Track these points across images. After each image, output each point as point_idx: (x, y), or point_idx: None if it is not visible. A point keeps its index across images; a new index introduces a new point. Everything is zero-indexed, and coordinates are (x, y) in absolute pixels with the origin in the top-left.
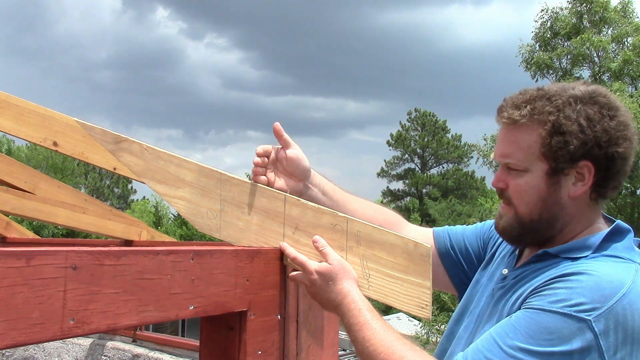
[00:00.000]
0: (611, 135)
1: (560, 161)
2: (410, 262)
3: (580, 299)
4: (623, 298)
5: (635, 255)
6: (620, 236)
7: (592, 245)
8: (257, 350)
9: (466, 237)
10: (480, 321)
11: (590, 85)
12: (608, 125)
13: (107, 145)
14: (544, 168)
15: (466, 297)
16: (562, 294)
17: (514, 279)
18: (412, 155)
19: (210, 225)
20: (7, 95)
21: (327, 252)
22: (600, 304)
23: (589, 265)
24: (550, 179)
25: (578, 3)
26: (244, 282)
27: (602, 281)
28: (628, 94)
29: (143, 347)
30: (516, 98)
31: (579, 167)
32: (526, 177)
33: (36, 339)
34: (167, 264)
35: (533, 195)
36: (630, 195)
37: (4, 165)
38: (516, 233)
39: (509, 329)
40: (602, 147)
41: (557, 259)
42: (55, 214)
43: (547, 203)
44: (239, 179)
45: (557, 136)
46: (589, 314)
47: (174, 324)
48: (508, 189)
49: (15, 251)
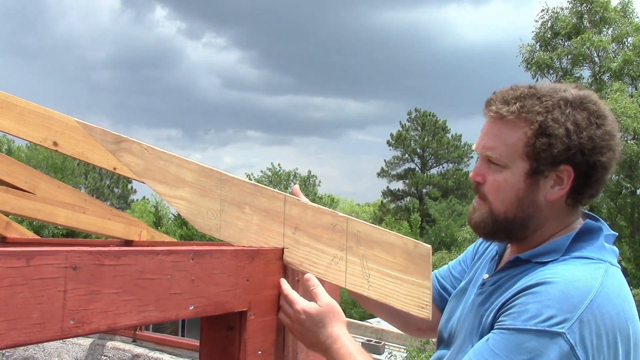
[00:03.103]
0: (596, 144)
1: (542, 163)
2: (410, 262)
3: (550, 312)
4: (592, 303)
5: (607, 253)
6: (590, 235)
7: (561, 247)
8: (257, 350)
9: (452, 269)
10: (465, 325)
11: (583, 90)
12: (594, 133)
13: (108, 145)
14: (525, 167)
15: (451, 305)
16: (532, 309)
17: (491, 285)
18: (412, 155)
19: (210, 225)
20: (7, 95)
21: (317, 292)
22: (570, 314)
23: (556, 271)
24: (529, 179)
25: (578, 3)
26: (244, 282)
27: (569, 289)
28: (628, 94)
29: (143, 347)
30: (506, 93)
31: (559, 170)
32: (505, 173)
33: (36, 339)
34: (167, 264)
35: (510, 193)
36: (630, 195)
37: (4, 165)
38: (489, 229)
39: (487, 353)
40: (586, 154)
41: (529, 264)
42: (55, 214)
43: (523, 203)
44: (239, 179)
45: (542, 137)
46: (561, 326)
47: (174, 324)
48: (485, 183)
49: (15, 251)
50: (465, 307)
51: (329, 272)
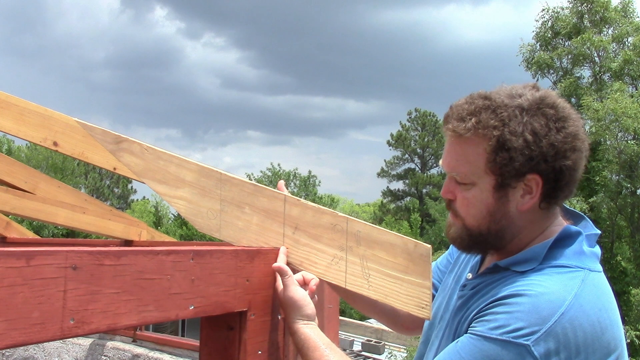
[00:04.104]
0: (558, 149)
1: (507, 176)
2: (410, 262)
3: (518, 324)
4: (562, 317)
5: (586, 259)
6: (570, 240)
7: (539, 256)
8: (257, 350)
9: (439, 264)
10: (444, 335)
11: (539, 91)
12: (555, 138)
13: (108, 146)
14: (491, 182)
15: (437, 302)
16: (502, 319)
17: (471, 289)
18: (412, 155)
19: (210, 225)
20: (7, 95)
21: (286, 283)
22: (539, 327)
23: (531, 283)
24: (497, 193)
25: (579, 3)
26: (244, 282)
27: (540, 302)
28: (628, 94)
29: (143, 347)
30: (461, 108)
31: (526, 180)
32: (473, 190)
33: (36, 339)
34: (167, 264)
35: (481, 208)
36: (630, 195)
37: (4, 165)
38: (466, 243)
39: (454, 356)
40: (549, 161)
41: (507, 272)
42: (55, 214)
43: (495, 217)
44: (239, 179)
45: (502, 152)
46: (527, 338)
47: (174, 324)
48: (455, 200)
49: (15, 251)
50: (448, 308)
51: (329, 272)
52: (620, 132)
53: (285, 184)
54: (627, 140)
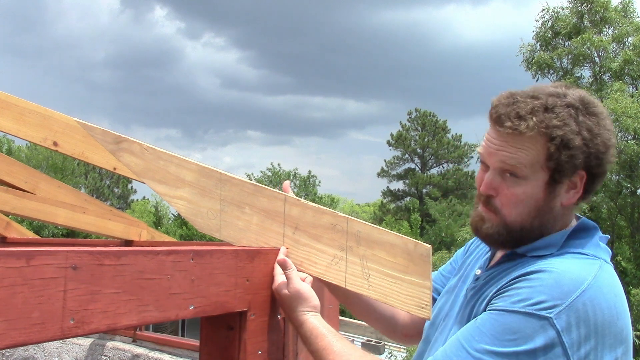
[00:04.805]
0: (608, 147)
1: (564, 173)
2: (410, 262)
3: (540, 297)
4: (583, 294)
5: (601, 251)
6: (586, 233)
7: (557, 243)
8: (257, 350)
9: (442, 271)
10: (455, 323)
11: (573, 89)
12: (605, 136)
13: (108, 146)
14: (544, 178)
15: (440, 302)
16: (524, 293)
17: (484, 279)
18: (412, 155)
19: (210, 225)
20: (7, 95)
21: (289, 276)
22: (561, 301)
23: (552, 263)
24: (548, 188)
25: (579, 3)
26: (244, 282)
27: (562, 278)
28: (628, 94)
29: (143, 347)
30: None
31: (574, 176)
32: (524, 186)
33: (36, 339)
34: (167, 264)
35: (530, 204)
36: (630, 195)
37: (4, 165)
38: (502, 239)
39: (475, 332)
40: (600, 158)
41: (524, 258)
42: (55, 214)
43: (540, 211)
44: (239, 179)
45: (566, 150)
46: (549, 311)
47: (174, 324)
48: (497, 196)
49: (15, 251)
50: (455, 301)
51: (329, 272)
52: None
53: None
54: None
